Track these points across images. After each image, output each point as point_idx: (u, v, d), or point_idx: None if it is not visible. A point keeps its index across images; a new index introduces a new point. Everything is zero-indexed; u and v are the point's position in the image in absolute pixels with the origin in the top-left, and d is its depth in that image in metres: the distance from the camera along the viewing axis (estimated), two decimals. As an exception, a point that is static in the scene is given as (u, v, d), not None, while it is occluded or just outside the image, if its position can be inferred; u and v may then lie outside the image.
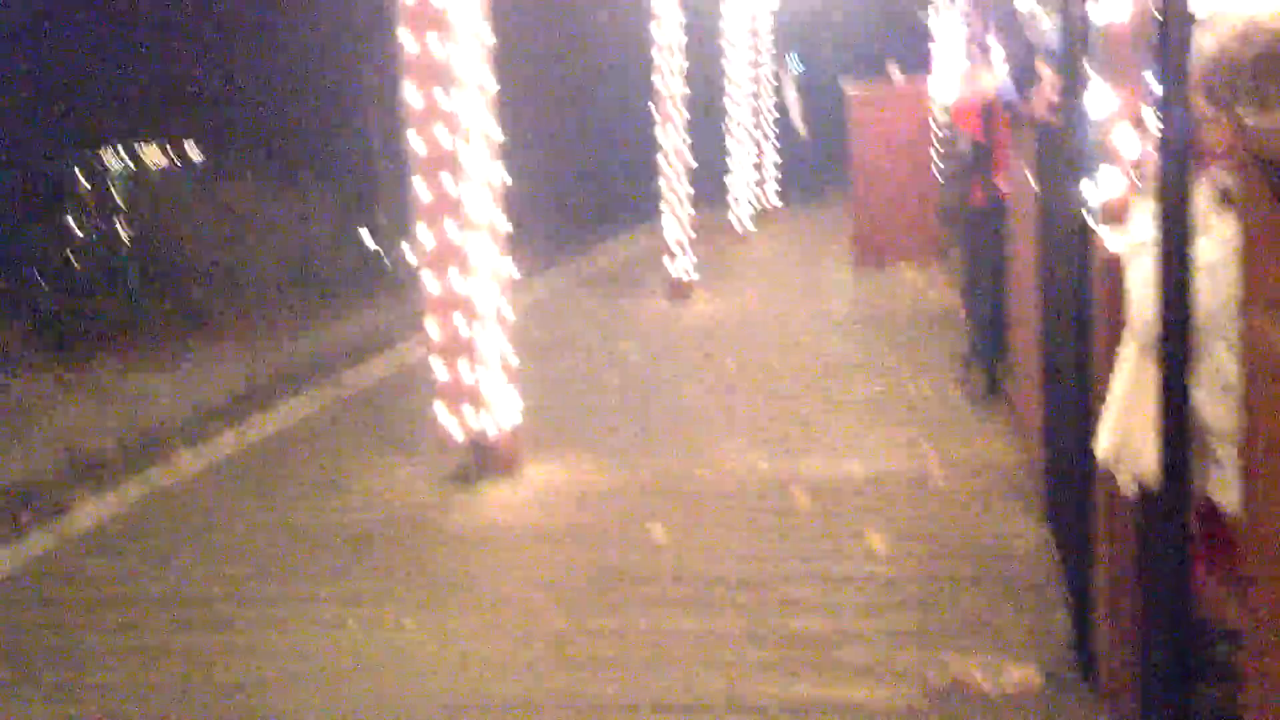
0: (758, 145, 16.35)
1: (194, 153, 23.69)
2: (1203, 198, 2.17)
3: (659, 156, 10.20)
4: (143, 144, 22.94)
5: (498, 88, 5.55)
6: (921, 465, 5.27)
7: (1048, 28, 4.88)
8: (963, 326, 7.81)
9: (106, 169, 22.81)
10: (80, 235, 20.30)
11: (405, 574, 4.55)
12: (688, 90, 10.35)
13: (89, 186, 21.64)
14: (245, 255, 19.88)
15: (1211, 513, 2.25)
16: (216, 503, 5.65)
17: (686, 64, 10.36)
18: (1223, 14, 2.23)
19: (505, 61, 5.73)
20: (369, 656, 3.88)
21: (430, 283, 5.40)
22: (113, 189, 22.51)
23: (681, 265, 10.32)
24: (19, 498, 8.81)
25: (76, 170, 21.08)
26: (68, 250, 19.59)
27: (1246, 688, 1.62)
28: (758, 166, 16.36)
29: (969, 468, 5.18)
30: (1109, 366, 2.88)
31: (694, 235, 10.56)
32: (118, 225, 20.97)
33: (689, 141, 10.46)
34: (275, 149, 23.00)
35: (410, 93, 5.26)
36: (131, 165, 23.09)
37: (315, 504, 5.49)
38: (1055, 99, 3.85)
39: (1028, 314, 4.62)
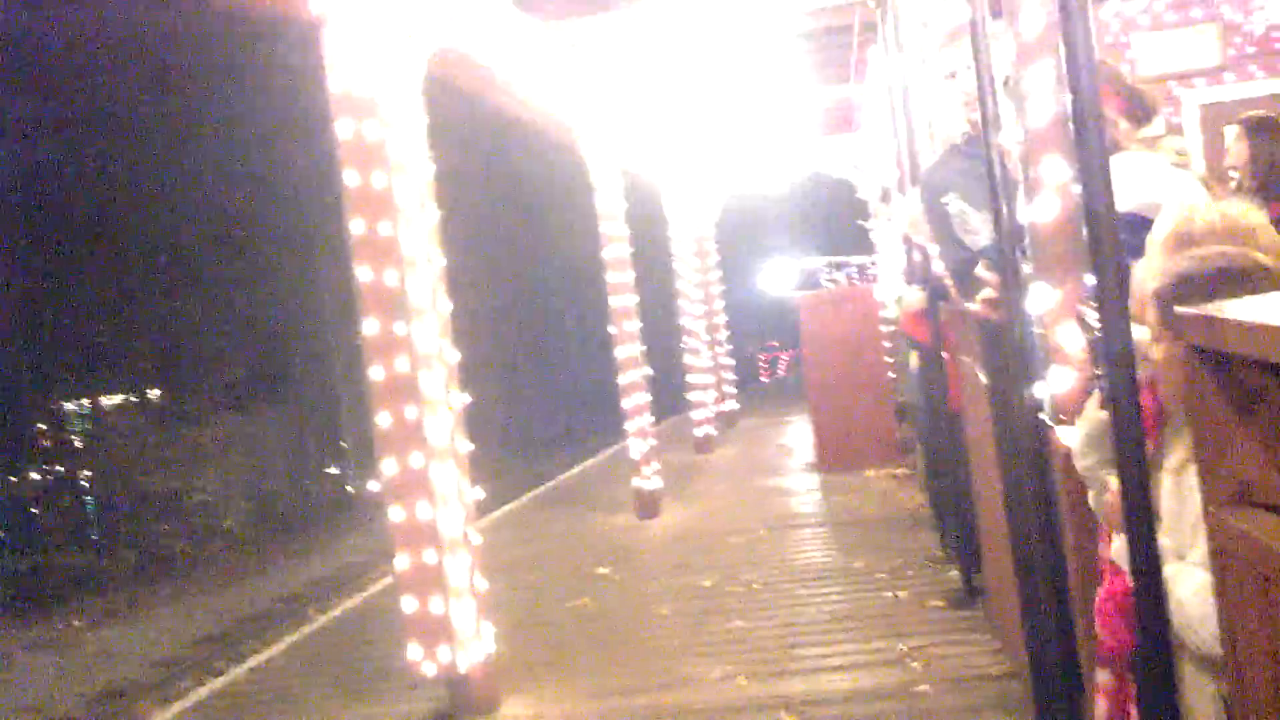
0: (713, 352, 16.62)
1: (153, 393, 23.78)
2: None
3: (619, 373, 10.32)
4: (102, 396, 23.01)
5: (451, 308, 5.65)
6: (906, 678, 5.16)
7: (981, 229, 5.03)
8: (933, 529, 7.80)
9: (65, 415, 22.77)
10: (41, 487, 20.11)
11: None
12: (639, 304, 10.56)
13: (49, 437, 21.55)
14: (208, 494, 19.77)
15: None
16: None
17: (637, 277, 10.59)
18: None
19: (462, 288, 5.83)
20: None
21: (395, 513, 5.35)
22: (72, 437, 22.42)
23: (647, 479, 10.31)
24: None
25: (38, 423, 21.02)
26: (30, 506, 19.37)
27: None
28: (715, 373, 16.58)
29: (955, 679, 5.05)
30: (1079, 565, 2.87)
31: (657, 445, 10.59)
32: (78, 474, 20.83)
33: (646, 353, 10.62)
34: (234, 385, 23.13)
35: (369, 324, 5.33)
36: (89, 410, 23.07)
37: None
38: (997, 298, 3.94)
39: (995, 514, 4.62)
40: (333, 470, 25.39)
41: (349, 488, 24.41)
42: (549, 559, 9.09)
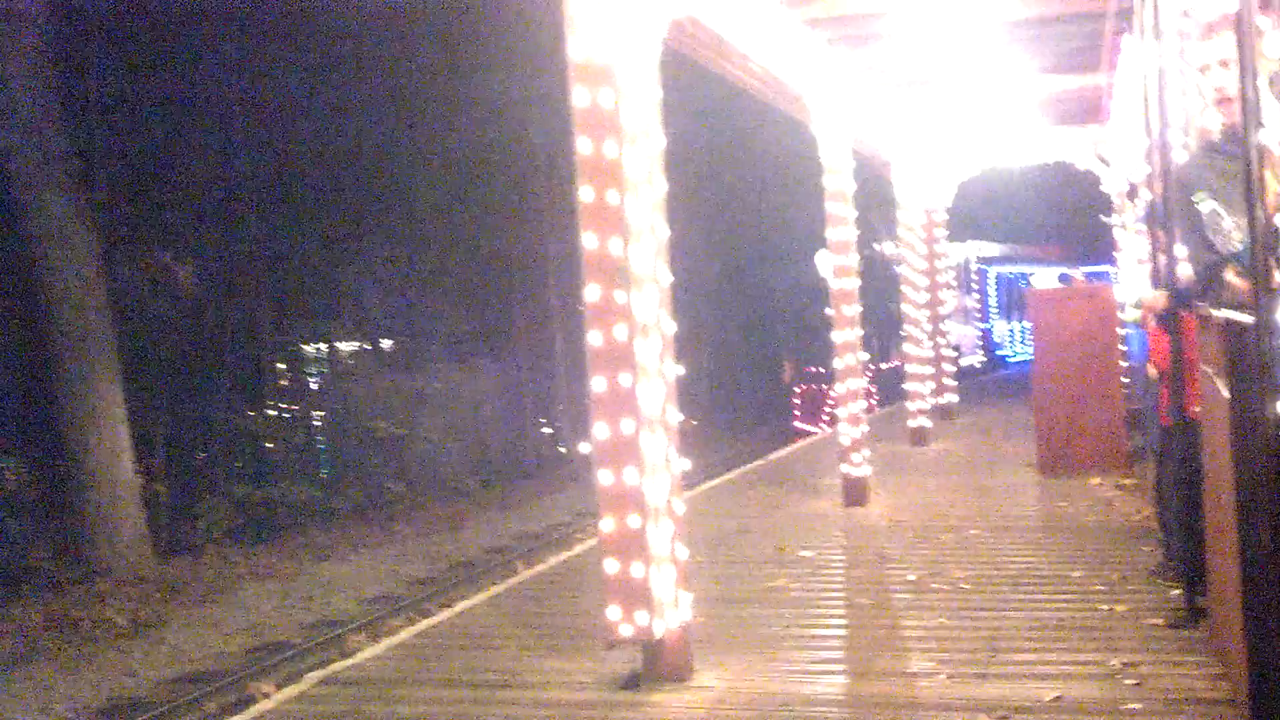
0: (934, 342, 16.23)
1: (385, 343, 24.85)
2: None
3: (835, 358, 10.20)
4: (339, 341, 24.18)
5: (671, 280, 5.69)
6: (1116, 695, 4.93)
7: (1232, 232, 4.73)
8: (1156, 542, 7.43)
9: (303, 358, 24.01)
10: (278, 423, 21.29)
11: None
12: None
13: (288, 377, 22.79)
14: (429, 442, 20.59)
15: None
16: (388, 693, 5.68)
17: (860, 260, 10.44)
18: None
19: (683, 260, 5.85)
20: None
21: (603, 477, 5.43)
22: (309, 379, 23.66)
23: (856, 465, 10.17)
24: (205, 685, 9.05)
25: (279, 363, 22.24)
26: (266, 441, 20.56)
27: None
28: (935, 364, 16.20)
29: (1168, 700, 4.79)
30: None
31: (870, 434, 10.42)
32: (312, 413, 21.98)
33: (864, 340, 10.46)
34: (459, 340, 23.98)
35: (590, 291, 5.41)
36: (326, 354, 24.25)
37: (482, 698, 5.47)
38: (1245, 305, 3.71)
39: (1226, 532, 4.36)
40: (546, 429, 25.99)
41: (561, 447, 24.99)
42: (750, 536, 9.09)
